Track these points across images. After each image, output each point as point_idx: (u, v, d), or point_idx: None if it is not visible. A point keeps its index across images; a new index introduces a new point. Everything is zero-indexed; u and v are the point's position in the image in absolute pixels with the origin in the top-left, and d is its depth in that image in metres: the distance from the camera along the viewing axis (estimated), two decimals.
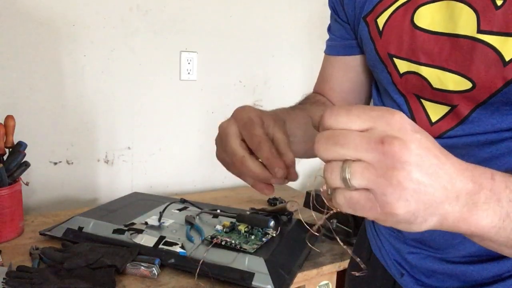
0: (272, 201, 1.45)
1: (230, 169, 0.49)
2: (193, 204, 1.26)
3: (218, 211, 1.18)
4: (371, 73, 0.64)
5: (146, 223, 1.07)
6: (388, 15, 0.53)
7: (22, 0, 1.23)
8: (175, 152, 1.56)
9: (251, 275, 0.87)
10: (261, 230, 1.02)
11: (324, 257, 1.06)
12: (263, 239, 0.99)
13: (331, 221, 1.14)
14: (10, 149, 1.10)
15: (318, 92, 0.72)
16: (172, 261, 0.94)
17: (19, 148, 1.09)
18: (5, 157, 1.09)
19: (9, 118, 1.10)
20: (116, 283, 0.87)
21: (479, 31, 0.45)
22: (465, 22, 0.46)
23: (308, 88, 0.77)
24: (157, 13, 1.43)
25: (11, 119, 1.10)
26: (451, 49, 0.48)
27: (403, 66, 0.53)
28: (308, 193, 1.21)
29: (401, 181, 0.30)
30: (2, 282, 0.82)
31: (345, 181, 0.31)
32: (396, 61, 0.53)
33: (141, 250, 0.96)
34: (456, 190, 0.32)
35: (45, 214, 1.27)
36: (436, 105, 0.52)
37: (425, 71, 0.51)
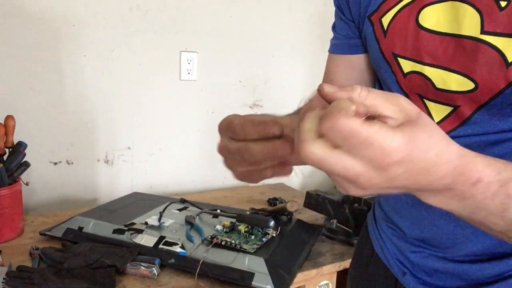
0: (272, 201, 1.45)
1: (244, 169, 0.46)
2: (193, 204, 1.26)
3: (218, 211, 1.18)
4: (375, 73, 0.64)
5: (146, 223, 1.07)
6: (393, 14, 0.53)
7: (22, 0, 1.23)
8: (175, 152, 1.56)
9: (251, 275, 0.87)
10: (261, 230, 1.02)
11: (324, 257, 1.06)
12: (263, 239, 0.99)
13: (331, 221, 1.14)
14: (10, 149, 1.10)
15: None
16: (172, 261, 0.94)
17: (19, 148, 1.09)
18: (5, 157, 1.10)
19: (9, 118, 1.10)
20: (116, 283, 0.87)
21: (482, 32, 0.45)
22: (469, 23, 0.46)
23: (308, 88, 0.77)
24: (157, 13, 1.43)
25: (11, 119, 1.10)
26: (455, 50, 0.48)
27: (407, 66, 0.53)
28: (308, 193, 1.21)
29: (358, 191, 0.33)
30: (2, 282, 0.82)
31: None
32: (401, 60, 0.54)
33: (141, 250, 0.96)
34: (434, 187, 0.35)
35: (45, 214, 1.27)
36: (439, 105, 0.52)
37: (429, 71, 0.51)
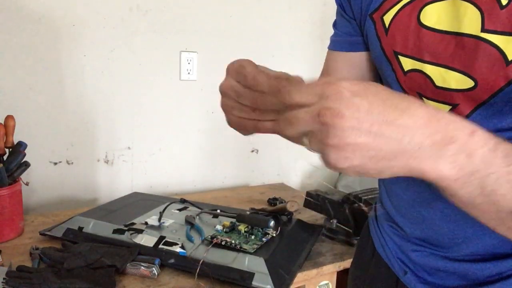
0: (272, 201, 1.45)
1: (243, 106, 0.46)
2: (193, 204, 1.26)
3: (218, 211, 1.18)
4: (375, 71, 0.64)
5: (146, 223, 1.07)
6: (395, 12, 0.54)
7: (23, 0, 1.23)
8: (175, 152, 1.56)
9: (251, 275, 0.87)
10: (261, 230, 1.02)
11: (324, 257, 1.06)
12: (263, 239, 0.99)
13: (331, 221, 1.14)
14: (10, 149, 1.10)
15: None
16: (172, 261, 0.94)
17: (19, 148, 1.09)
18: (5, 157, 1.10)
19: (9, 118, 1.10)
20: (116, 283, 0.87)
21: (483, 30, 0.45)
22: (470, 21, 0.46)
23: None
24: (157, 13, 1.43)
25: (11, 119, 1.10)
26: (456, 48, 0.48)
27: (407, 64, 0.53)
28: (308, 193, 1.21)
29: (335, 144, 0.34)
30: (2, 282, 0.82)
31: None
32: (401, 58, 0.54)
33: (141, 250, 0.96)
34: (416, 142, 0.34)
35: (45, 214, 1.27)
36: (438, 104, 0.52)
37: (429, 69, 0.51)
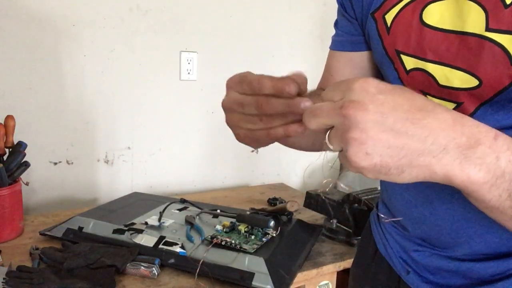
0: (272, 201, 1.45)
1: (248, 116, 0.45)
2: (193, 204, 1.26)
3: (218, 211, 1.18)
4: (377, 70, 0.64)
5: (146, 223, 1.07)
6: (397, 11, 0.54)
7: (23, 0, 1.23)
8: (175, 152, 1.56)
9: (251, 275, 0.87)
10: (261, 230, 1.02)
11: (324, 257, 1.06)
12: (263, 239, 0.99)
13: (331, 221, 1.14)
14: (10, 149, 1.10)
15: (323, 88, 0.72)
16: (172, 261, 0.94)
17: (19, 148, 1.09)
18: (5, 157, 1.10)
19: (9, 118, 1.10)
20: (116, 283, 0.87)
21: (487, 29, 0.45)
22: (474, 20, 0.46)
23: (308, 88, 0.76)
24: (157, 13, 1.43)
25: (11, 119, 1.10)
26: (459, 47, 0.48)
27: (410, 62, 0.53)
28: (308, 193, 1.21)
29: (357, 138, 0.34)
30: (2, 282, 0.82)
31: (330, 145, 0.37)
32: (403, 57, 0.54)
33: (141, 250, 0.96)
34: (441, 143, 0.34)
35: (45, 214, 1.27)
36: (442, 102, 0.52)
37: (432, 68, 0.51)
